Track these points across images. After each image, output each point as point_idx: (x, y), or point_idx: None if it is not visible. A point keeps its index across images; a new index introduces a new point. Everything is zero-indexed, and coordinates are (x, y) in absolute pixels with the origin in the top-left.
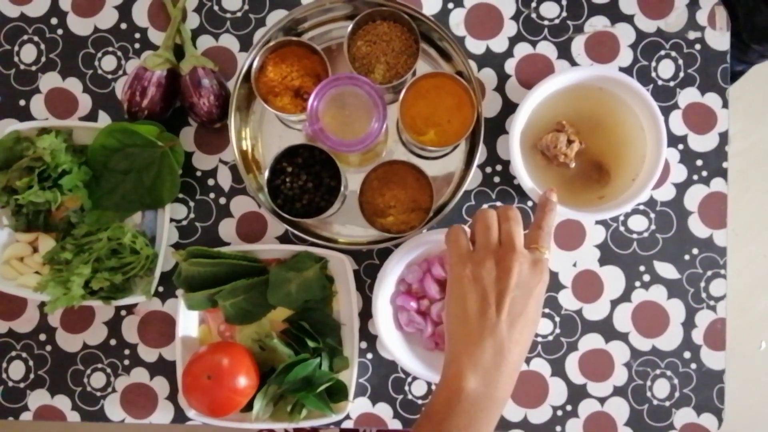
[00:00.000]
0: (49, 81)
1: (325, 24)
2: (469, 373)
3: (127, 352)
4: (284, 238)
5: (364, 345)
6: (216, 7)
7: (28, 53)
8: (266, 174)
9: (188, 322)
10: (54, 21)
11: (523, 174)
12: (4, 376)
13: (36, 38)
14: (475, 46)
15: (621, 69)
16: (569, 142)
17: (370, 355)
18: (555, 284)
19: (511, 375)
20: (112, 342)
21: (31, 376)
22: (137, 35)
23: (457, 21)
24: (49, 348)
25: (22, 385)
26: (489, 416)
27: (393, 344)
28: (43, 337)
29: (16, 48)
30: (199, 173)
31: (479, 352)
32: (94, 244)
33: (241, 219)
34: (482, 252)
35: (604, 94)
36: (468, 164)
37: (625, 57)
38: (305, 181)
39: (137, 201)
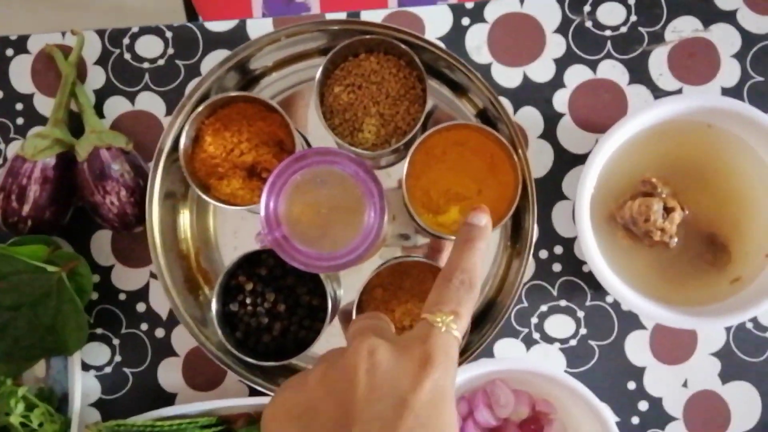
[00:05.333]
0: None
1: (289, 64)
2: None
3: None
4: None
5: None
6: (128, 55)
7: None
8: (213, 296)
9: None
10: None
11: (597, 259)
12: None
13: None
14: (507, 76)
15: (724, 90)
16: (667, 211)
17: None
18: (660, 416)
19: None
20: None
21: None
22: (18, 106)
23: (477, 42)
24: None
25: None
26: None
27: None
28: None
29: None
30: (122, 296)
31: None
32: None
33: (189, 357)
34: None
35: (712, 132)
36: (513, 247)
37: (729, 72)
38: (274, 302)
39: (37, 346)
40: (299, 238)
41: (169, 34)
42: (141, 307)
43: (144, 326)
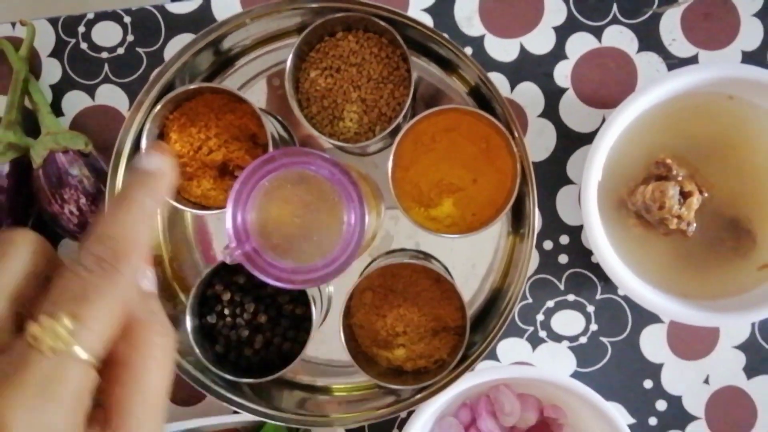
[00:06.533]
0: None
1: (270, 42)
2: None
3: None
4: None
5: None
6: (84, 45)
7: None
8: (188, 308)
9: None
10: None
11: (605, 250)
12: None
13: None
14: (502, 49)
15: (745, 54)
16: (684, 196)
17: None
18: (680, 416)
19: None
20: None
21: None
22: None
23: (467, 13)
24: None
25: None
26: None
27: None
28: None
29: None
30: None
31: None
32: None
33: None
34: None
35: (734, 105)
36: (516, 233)
37: (750, 35)
38: (254, 313)
39: None
40: (272, 251)
41: (127, 19)
42: None
43: None
